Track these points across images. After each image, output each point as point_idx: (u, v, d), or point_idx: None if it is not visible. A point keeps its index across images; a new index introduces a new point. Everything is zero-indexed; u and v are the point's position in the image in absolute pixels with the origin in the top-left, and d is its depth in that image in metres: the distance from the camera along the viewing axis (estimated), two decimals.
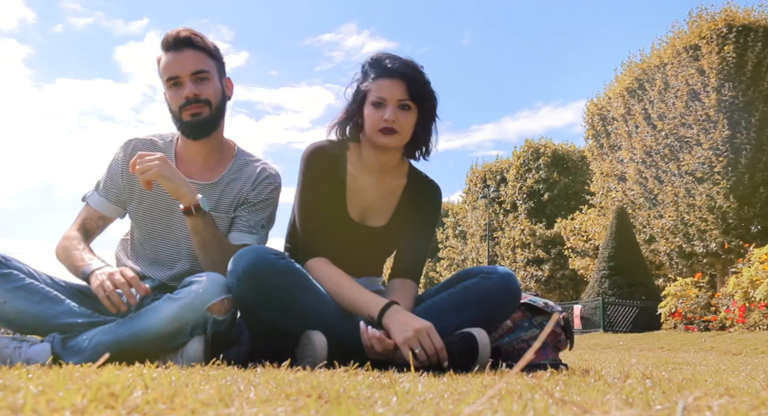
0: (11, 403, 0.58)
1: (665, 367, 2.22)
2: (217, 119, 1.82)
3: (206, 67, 1.78)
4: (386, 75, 1.74)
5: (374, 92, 1.74)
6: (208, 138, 1.83)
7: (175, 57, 1.77)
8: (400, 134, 1.75)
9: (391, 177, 1.88)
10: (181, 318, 1.54)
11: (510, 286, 1.74)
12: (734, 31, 13.34)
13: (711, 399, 0.79)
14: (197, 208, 1.67)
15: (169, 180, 1.63)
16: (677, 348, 7.29)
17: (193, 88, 1.75)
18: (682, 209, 14.11)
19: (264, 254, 1.56)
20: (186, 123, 1.78)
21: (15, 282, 1.57)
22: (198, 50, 1.78)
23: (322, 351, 1.49)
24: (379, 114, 1.73)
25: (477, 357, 1.56)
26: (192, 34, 1.78)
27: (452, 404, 0.71)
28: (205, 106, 1.78)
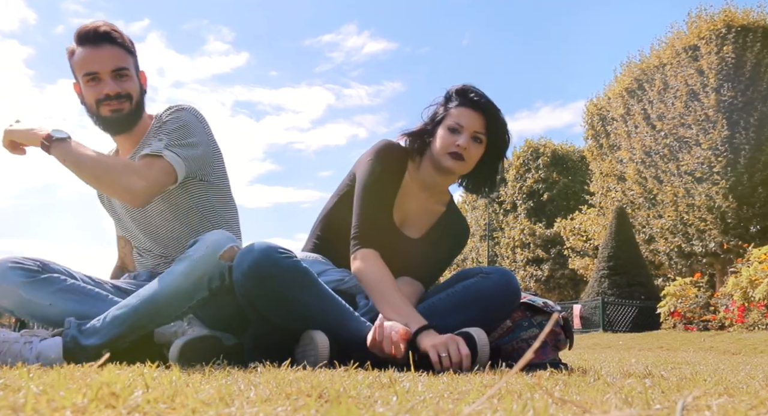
0: (12, 403, 0.58)
1: (664, 367, 2.22)
2: (138, 113, 1.82)
3: (126, 64, 1.77)
4: (469, 105, 1.84)
5: (453, 118, 1.84)
6: (132, 131, 1.83)
7: (93, 52, 1.74)
8: (466, 162, 1.84)
9: (433, 200, 1.97)
10: (195, 271, 1.54)
11: (509, 286, 1.75)
12: (733, 31, 13.35)
13: (710, 398, 0.79)
14: (48, 139, 1.65)
15: (18, 133, 1.67)
16: (676, 348, 7.30)
17: (114, 85, 1.74)
18: (682, 209, 14.11)
19: (271, 252, 1.55)
20: (105, 118, 1.77)
21: (57, 284, 1.58)
22: (117, 46, 1.76)
23: (324, 350, 1.48)
24: (453, 138, 1.82)
25: (476, 357, 1.56)
26: (111, 30, 1.76)
27: (452, 403, 0.71)
28: (126, 101, 1.77)
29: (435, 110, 1.90)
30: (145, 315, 1.53)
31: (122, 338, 1.50)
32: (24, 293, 1.53)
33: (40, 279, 1.56)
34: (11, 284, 1.53)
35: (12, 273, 1.54)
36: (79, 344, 1.47)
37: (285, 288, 1.55)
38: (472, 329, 1.61)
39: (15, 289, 1.53)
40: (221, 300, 1.64)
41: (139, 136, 1.85)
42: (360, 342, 1.57)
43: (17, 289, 1.53)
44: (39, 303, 1.54)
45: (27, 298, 1.53)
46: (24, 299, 1.53)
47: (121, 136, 1.84)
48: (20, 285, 1.53)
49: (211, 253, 1.55)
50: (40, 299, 1.54)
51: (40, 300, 1.54)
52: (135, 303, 1.53)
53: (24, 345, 1.48)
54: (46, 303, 1.54)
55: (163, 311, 1.55)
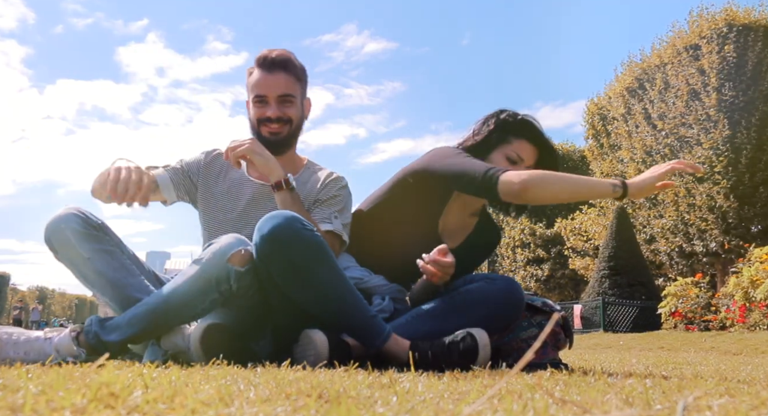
0: (11, 403, 0.58)
1: (665, 367, 2.22)
2: (293, 137, 1.98)
3: (293, 91, 1.93)
4: (532, 141, 1.97)
5: (515, 149, 1.96)
6: (283, 155, 1.96)
7: (266, 77, 1.91)
8: None
9: (470, 214, 2.10)
10: (204, 274, 1.61)
11: (513, 292, 1.77)
12: (734, 30, 13.33)
13: (711, 398, 0.79)
14: (286, 182, 1.79)
15: (260, 155, 1.78)
16: (677, 348, 7.29)
17: (277, 110, 1.90)
18: (683, 209, 14.10)
19: (293, 221, 1.57)
20: (264, 138, 1.92)
21: (103, 244, 1.69)
22: (289, 74, 1.92)
23: (324, 349, 1.49)
24: (511, 167, 1.91)
25: (477, 357, 1.56)
26: (287, 59, 1.92)
27: (452, 404, 0.71)
28: (286, 124, 1.93)
29: (489, 131, 1.98)
30: (161, 314, 1.60)
31: (141, 336, 1.59)
32: (73, 238, 1.64)
33: (91, 233, 1.67)
34: (68, 227, 1.65)
35: (73, 218, 1.66)
36: (101, 340, 1.56)
37: (301, 258, 1.56)
38: (474, 329, 1.61)
39: (68, 233, 1.64)
40: (233, 303, 1.67)
41: (287, 164, 1.97)
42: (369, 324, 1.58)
43: (69, 234, 1.64)
44: (80, 254, 1.65)
45: (73, 244, 1.64)
46: (71, 244, 1.65)
47: None
48: (73, 231, 1.64)
49: (219, 257, 1.61)
50: (83, 250, 1.65)
51: (82, 251, 1.65)
52: (151, 303, 1.61)
53: (45, 341, 1.59)
54: (85, 256, 1.65)
55: (176, 311, 1.61)
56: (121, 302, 1.65)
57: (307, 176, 2.01)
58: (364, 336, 1.57)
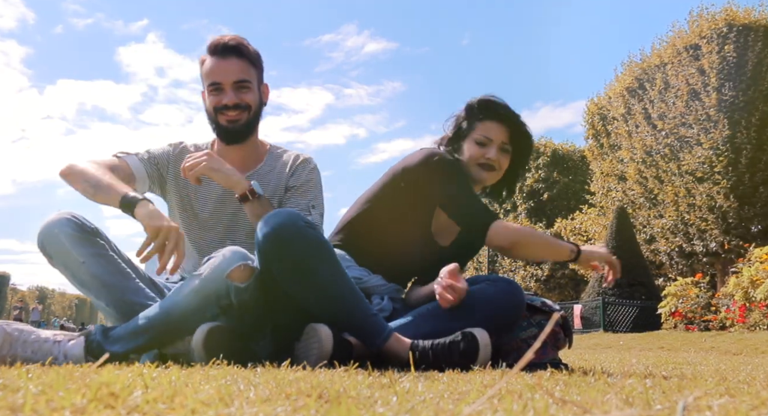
0: (11, 403, 0.58)
1: (665, 367, 2.22)
2: (253, 125, 1.92)
3: (248, 76, 1.87)
4: (496, 119, 1.93)
5: (481, 131, 1.93)
6: (244, 143, 1.92)
7: (219, 63, 1.86)
8: (497, 172, 1.95)
9: None
10: (203, 289, 1.59)
11: (515, 294, 1.77)
12: (734, 30, 13.33)
13: (711, 398, 0.79)
14: (252, 193, 1.75)
15: (218, 171, 1.72)
16: (677, 348, 7.29)
17: (234, 96, 1.85)
18: (683, 209, 14.10)
19: (296, 219, 1.57)
20: (223, 127, 1.87)
21: (98, 248, 1.67)
22: (243, 59, 1.87)
23: (328, 343, 1.48)
24: (482, 151, 1.91)
25: (477, 357, 1.56)
26: (239, 44, 1.87)
27: (452, 404, 0.71)
28: (244, 111, 1.87)
29: (457, 123, 1.97)
30: (162, 327, 1.59)
31: (143, 348, 1.58)
32: (67, 242, 1.63)
33: (85, 237, 1.66)
34: (61, 232, 1.63)
35: (66, 223, 1.64)
36: (103, 350, 1.54)
37: (303, 256, 1.56)
38: (474, 329, 1.61)
39: (61, 238, 1.63)
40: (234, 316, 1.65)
41: (250, 149, 1.95)
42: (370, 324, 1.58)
43: (64, 238, 1.63)
44: (74, 258, 1.63)
45: (67, 249, 1.63)
46: (65, 248, 1.63)
47: (234, 146, 1.92)
48: (67, 235, 1.63)
49: (219, 273, 1.59)
50: (78, 254, 1.63)
51: (77, 255, 1.63)
52: (152, 316, 1.59)
53: (54, 344, 1.57)
54: (80, 260, 1.63)
55: (177, 325, 1.60)
56: (118, 306, 1.64)
57: (273, 162, 1.98)
58: (365, 335, 1.57)
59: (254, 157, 1.96)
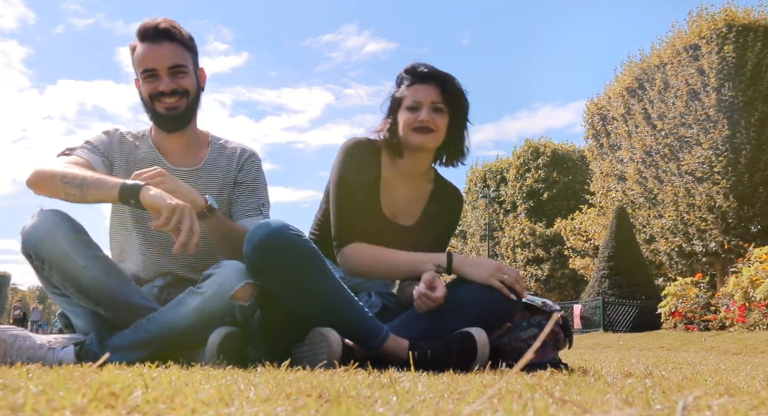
0: (11, 403, 0.58)
1: (665, 367, 2.22)
2: (192, 110, 1.83)
3: (184, 61, 1.79)
4: (420, 80, 1.85)
5: (409, 97, 1.85)
6: (184, 130, 1.84)
7: (153, 48, 1.76)
8: (435, 133, 1.84)
9: (419, 181, 1.99)
10: (206, 309, 1.56)
11: None
12: (734, 30, 13.34)
13: (711, 398, 0.79)
14: (209, 209, 1.68)
15: (174, 192, 1.59)
16: (677, 348, 7.29)
17: (171, 82, 1.76)
18: (682, 209, 14.10)
19: (283, 229, 1.56)
20: (161, 115, 1.78)
21: (97, 250, 1.61)
22: (176, 43, 1.78)
23: (338, 347, 1.48)
24: (414, 115, 1.83)
25: (476, 356, 1.56)
26: (171, 27, 1.78)
27: (452, 403, 0.71)
28: (183, 97, 1.78)
29: (391, 99, 1.90)
30: (164, 343, 1.56)
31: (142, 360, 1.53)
32: (67, 245, 1.54)
33: (85, 239, 1.59)
34: (61, 234, 1.54)
35: (65, 224, 1.56)
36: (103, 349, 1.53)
37: (294, 265, 1.55)
38: (473, 329, 1.61)
39: (61, 240, 1.54)
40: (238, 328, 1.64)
41: (191, 136, 1.87)
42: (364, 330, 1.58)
43: (63, 240, 1.54)
44: (76, 261, 1.55)
45: (68, 252, 1.54)
46: (65, 251, 1.54)
47: (175, 133, 1.85)
48: (67, 237, 1.54)
49: (222, 293, 1.56)
50: (79, 257, 1.55)
51: (78, 258, 1.55)
52: (153, 330, 1.56)
53: (48, 351, 1.54)
54: (81, 264, 1.55)
55: (179, 341, 1.58)
56: (119, 310, 1.59)
57: (217, 155, 1.90)
58: (363, 338, 1.57)
59: (196, 146, 1.89)
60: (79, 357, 1.53)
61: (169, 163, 1.84)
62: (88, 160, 1.75)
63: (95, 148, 1.81)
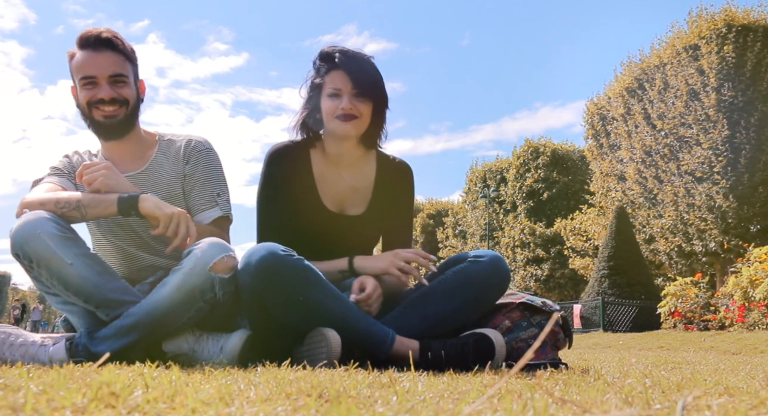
0: (12, 402, 0.58)
1: (665, 366, 2.22)
2: (131, 120, 1.83)
3: (124, 71, 1.79)
4: (338, 67, 1.81)
5: (329, 84, 1.81)
6: (124, 138, 1.84)
7: (93, 56, 1.76)
8: (359, 120, 1.81)
9: (360, 166, 1.94)
10: (186, 284, 1.56)
11: (499, 270, 1.75)
12: (734, 30, 13.34)
13: (710, 398, 0.79)
14: None
15: (114, 189, 1.64)
16: (677, 348, 7.29)
17: (111, 91, 1.76)
18: (682, 209, 14.11)
19: (275, 251, 1.56)
20: (98, 122, 1.79)
21: (83, 248, 1.61)
22: (117, 53, 1.79)
23: (337, 347, 1.48)
24: (336, 103, 1.80)
25: (493, 359, 1.57)
26: (113, 37, 1.79)
27: (452, 403, 0.71)
28: (122, 106, 1.78)
29: (310, 85, 1.87)
30: (149, 325, 1.57)
31: (130, 347, 1.56)
32: (53, 244, 1.55)
33: (70, 236, 1.59)
34: (45, 233, 1.54)
35: (48, 223, 1.56)
36: (90, 352, 1.53)
37: (294, 286, 1.55)
38: (487, 330, 1.62)
39: (47, 239, 1.54)
40: (221, 310, 1.65)
41: (135, 143, 1.87)
42: (369, 338, 1.57)
43: (48, 239, 1.54)
44: (62, 260, 1.55)
45: (54, 250, 1.55)
46: (51, 250, 1.55)
47: (114, 141, 1.85)
48: (52, 236, 1.55)
49: (201, 266, 1.57)
50: (65, 256, 1.55)
51: (64, 256, 1.55)
52: (137, 314, 1.57)
53: (40, 347, 1.56)
54: (68, 262, 1.55)
55: (162, 322, 1.58)
56: (109, 307, 1.59)
57: (164, 152, 1.89)
58: (370, 345, 1.57)
59: (142, 150, 1.88)
60: (70, 352, 1.55)
61: None
62: (61, 185, 1.79)
63: (62, 172, 1.84)
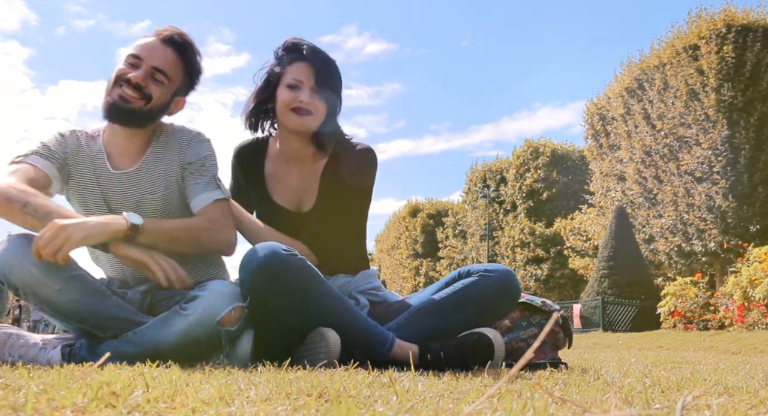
0: (13, 402, 0.58)
1: (664, 366, 2.22)
2: (143, 119, 1.71)
3: (171, 73, 1.70)
4: (304, 59, 1.78)
5: (290, 75, 1.78)
6: (127, 131, 1.74)
7: (154, 44, 1.69)
8: (315, 116, 1.78)
9: (309, 163, 1.87)
10: (192, 333, 1.52)
11: (509, 285, 1.74)
12: (733, 31, 13.34)
13: (710, 397, 0.79)
14: (134, 228, 1.55)
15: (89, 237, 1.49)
16: (676, 348, 7.29)
17: (143, 79, 1.66)
18: (682, 209, 14.11)
19: (277, 250, 1.55)
20: (112, 101, 1.67)
21: (70, 271, 1.53)
22: (178, 57, 1.72)
23: (336, 347, 1.48)
24: (294, 95, 1.76)
25: (493, 358, 1.56)
26: (187, 43, 1.73)
27: (452, 403, 0.71)
28: (142, 99, 1.67)
29: (268, 72, 1.82)
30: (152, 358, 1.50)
31: None
32: (37, 271, 1.47)
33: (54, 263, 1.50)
34: (29, 261, 1.46)
35: (29, 247, 1.46)
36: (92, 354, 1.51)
37: (295, 285, 1.55)
38: (486, 329, 1.61)
39: (30, 267, 1.47)
40: None
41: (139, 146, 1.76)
42: (370, 340, 1.57)
43: (32, 268, 1.47)
44: (49, 286, 1.49)
45: (39, 278, 1.48)
46: (35, 278, 1.48)
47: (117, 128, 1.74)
48: (35, 263, 1.46)
49: (208, 319, 1.51)
50: (52, 282, 1.49)
51: (51, 282, 1.48)
52: (140, 346, 1.52)
53: (40, 350, 1.54)
54: (55, 288, 1.49)
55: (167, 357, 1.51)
56: (102, 326, 1.55)
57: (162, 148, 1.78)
58: (370, 347, 1.56)
59: (144, 148, 1.77)
60: (68, 359, 1.52)
61: (111, 167, 1.75)
62: (42, 171, 1.65)
63: (52, 153, 1.71)
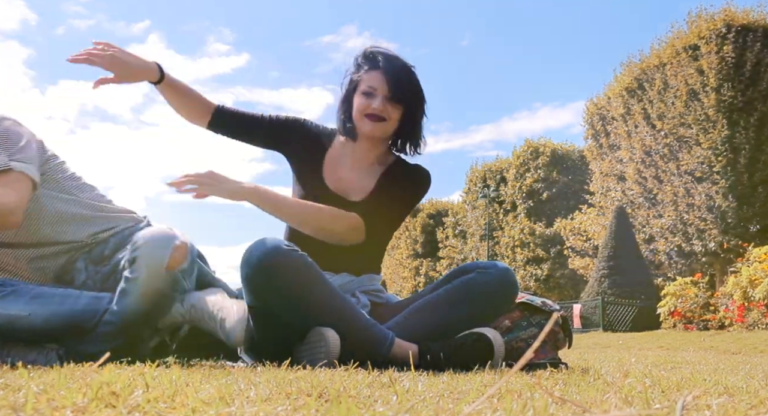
0: (12, 402, 0.58)
1: (664, 366, 2.22)
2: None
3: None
4: (379, 68, 1.83)
5: (365, 82, 1.83)
6: None
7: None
8: (387, 122, 1.83)
9: (372, 163, 1.93)
10: (150, 289, 1.49)
11: (507, 281, 1.74)
12: (733, 31, 13.34)
13: (710, 398, 0.79)
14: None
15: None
16: (676, 348, 7.29)
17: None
18: (682, 209, 14.11)
19: (279, 246, 1.56)
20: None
21: (27, 294, 1.52)
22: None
23: (335, 347, 1.48)
24: (368, 101, 1.81)
25: (493, 358, 1.56)
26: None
27: (452, 403, 0.72)
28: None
29: (348, 80, 1.90)
30: (128, 330, 1.52)
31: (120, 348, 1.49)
32: (2, 310, 1.47)
33: (9, 291, 1.50)
34: None
35: None
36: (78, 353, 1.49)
37: (295, 282, 1.55)
38: (486, 329, 1.61)
39: None
40: None
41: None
42: (369, 338, 1.57)
43: None
44: (17, 316, 1.48)
45: (5, 315, 1.47)
46: (3, 316, 1.47)
47: None
48: None
49: (155, 271, 1.49)
50: (18, 311, 1.48)
51: (17, 312, 1.48)
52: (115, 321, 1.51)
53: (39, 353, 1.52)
54: (25, 314, 1.48)
55: (143, 323, 1.54)
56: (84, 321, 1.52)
57: None
58: (369, 347, 1.56)
59: None
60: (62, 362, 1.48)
61: None
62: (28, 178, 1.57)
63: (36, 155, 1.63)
